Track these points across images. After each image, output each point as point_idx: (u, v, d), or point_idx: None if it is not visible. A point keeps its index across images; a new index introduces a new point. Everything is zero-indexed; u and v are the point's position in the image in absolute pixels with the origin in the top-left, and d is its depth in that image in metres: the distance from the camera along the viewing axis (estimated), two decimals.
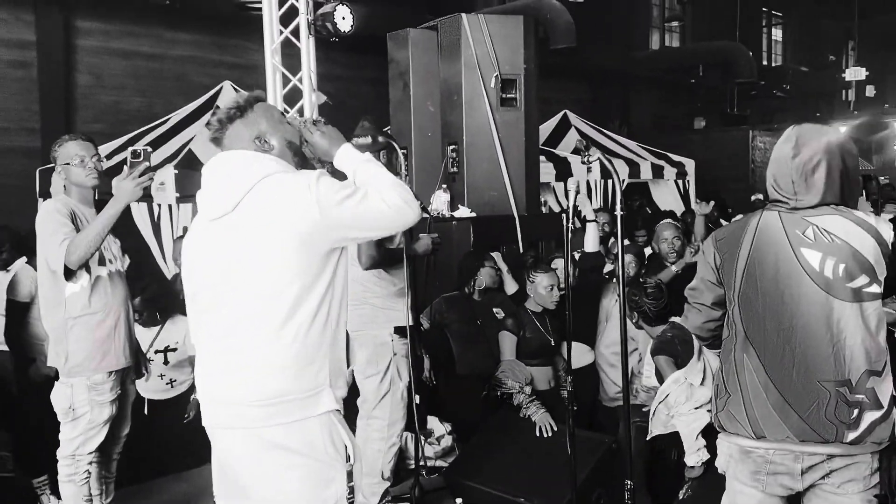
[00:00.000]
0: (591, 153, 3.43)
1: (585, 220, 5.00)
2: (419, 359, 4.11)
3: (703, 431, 3.64)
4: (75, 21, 9.71)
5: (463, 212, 6.02)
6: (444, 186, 6.13)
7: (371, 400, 3.98)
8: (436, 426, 4.89)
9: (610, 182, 9.70)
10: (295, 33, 5.83)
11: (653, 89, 17.65)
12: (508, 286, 5.37)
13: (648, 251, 5.86)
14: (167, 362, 4.93)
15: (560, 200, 9.26)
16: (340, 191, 2.17)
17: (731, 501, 2.48)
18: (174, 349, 4.93)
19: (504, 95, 6.21)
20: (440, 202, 5.97)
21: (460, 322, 4.97)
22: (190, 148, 7.02)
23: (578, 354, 4.78)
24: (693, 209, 6.26)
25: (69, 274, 3.32)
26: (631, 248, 5.20)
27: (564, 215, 3.48)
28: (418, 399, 3.90)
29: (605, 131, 11.34)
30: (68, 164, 3.49)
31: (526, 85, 6.26)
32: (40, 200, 7.18)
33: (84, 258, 3.28)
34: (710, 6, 19.19)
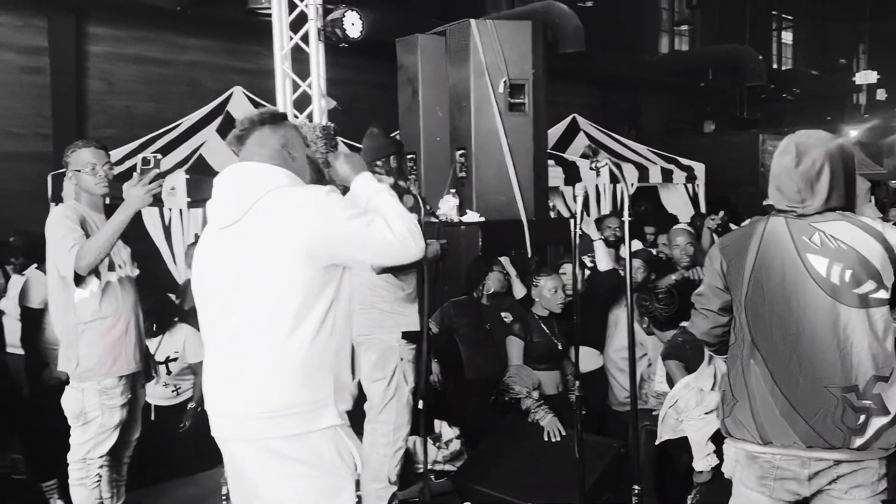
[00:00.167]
0: (599, 158, 3.44)
1: (591, 241, 4.98)
2: (425, 364, 4.11)
3: (713, 437, 3.63)
4: (87, 27, 9.76)
5: (471, 216, 6.03)
6: (453, 191, 6.14)
7: (377, 404, 3.98)
8: (444, 430, 4.89)
9: (619, 186, 9.69)
10: (304, 39, 5.86)
11: (662, 93, 17.59)
12: (517, 290, 5.38)
13: (653, 251, 5.85)
14: (169, 372, 4.95)
15: (569, 204, 9.25)
16: (349, 209, 2.20)
17: None
18: (174, 359, 4.96)
19: (512, 100, 6.21)
20: (449, 207, 5.97)
21: (469, 326, 4.98)
22: (201, 153, 7.05)
23: (587, 359, 4.79)
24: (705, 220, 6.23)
25: (79, 280, 3.35)
26: (641, 254, 5.20)
27: (572, 220, 3.48)
28: (422, 404, 3.90)
29: (615, 135, 11.29)
30: (79, 171, 3.51)
31: (534, 90, 6.27)
32: (52, 205, 7.21)
33: (93, 264, 3.31)
34: (720, 10, 19.13)
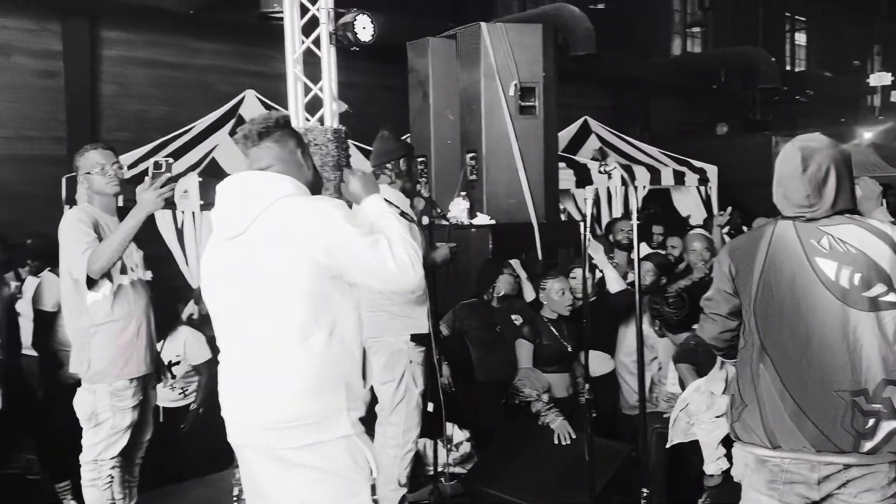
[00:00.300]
0: (609, 162, 3.45)
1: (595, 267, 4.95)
2: (435, 366, 4.12)
3: (724, 440, 3.63)
4: (101, 31, 9.82)
5: (482, 219, 6.03)
6: (464, 194, 6.14)
7: (387, 407, 3.99)
8: (455, 433, 4.89)
9: (630, 189, 9.66)
10: (316, 43, 5.88)
11: (674, 95, 17.52)
12: (527, 293, 5.37)
13: (662, 251, 5.83)
14: (174, 376, 4.99)
15: (580, 207, 9.24)
16: (356, 226, 2.21)
17: None
18: (177, 363, 5.00)
19: (523, 103, 6.21)
20: (459, 210, 5.97)
21: (479, 329, 4.98)
22: (213, 156, 7.08)
23: (598, 362, 4.77)
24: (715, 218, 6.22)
25: (91, 283, 3.37)
26: (652, 258, 5.19)
27: (582, 223, 3.48)
28: (431, 407, 3.91)
29: (626, 137, 11.25)
30: (90, 174, 3.55)
31: (545, 93, 6.26)
32: (66, 208, 7.27)
33: (106, 268, 3.33)
34: (732, 11, 19.02)
